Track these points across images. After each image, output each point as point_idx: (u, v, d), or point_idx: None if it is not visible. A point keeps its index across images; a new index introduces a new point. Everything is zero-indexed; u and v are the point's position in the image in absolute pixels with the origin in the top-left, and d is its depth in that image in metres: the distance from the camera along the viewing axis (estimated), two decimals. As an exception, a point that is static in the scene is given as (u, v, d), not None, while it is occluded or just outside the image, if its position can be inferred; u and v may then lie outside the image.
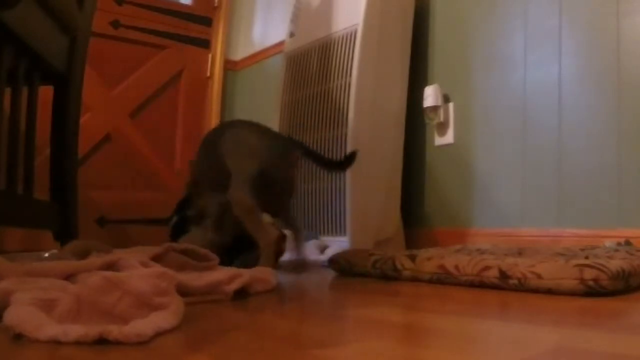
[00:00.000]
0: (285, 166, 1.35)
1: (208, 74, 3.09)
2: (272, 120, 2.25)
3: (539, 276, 0.96)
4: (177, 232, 1.46)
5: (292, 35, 2.27)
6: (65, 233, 1.53)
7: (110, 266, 0.84)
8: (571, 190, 1.66)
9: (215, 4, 3.14)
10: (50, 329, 0.56)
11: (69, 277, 0.79)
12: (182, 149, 2.95)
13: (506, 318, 0.76)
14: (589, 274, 0.90)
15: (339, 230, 1.89)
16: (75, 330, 0.55)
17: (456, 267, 1.09)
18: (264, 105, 2.86)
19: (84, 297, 0.63)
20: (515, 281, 0.98)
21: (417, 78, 2.12)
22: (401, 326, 0.70)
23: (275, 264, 1.27)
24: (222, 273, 0.95)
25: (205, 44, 3.09)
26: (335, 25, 2.04)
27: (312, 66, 2.12)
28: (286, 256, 1.53)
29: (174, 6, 3.02)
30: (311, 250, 1.80)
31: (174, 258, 1.00)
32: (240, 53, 3.18)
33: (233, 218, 1.34)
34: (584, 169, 1.64)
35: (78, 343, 0.54)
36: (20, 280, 0.72)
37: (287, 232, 1.47)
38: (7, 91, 1.30)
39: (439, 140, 2.06)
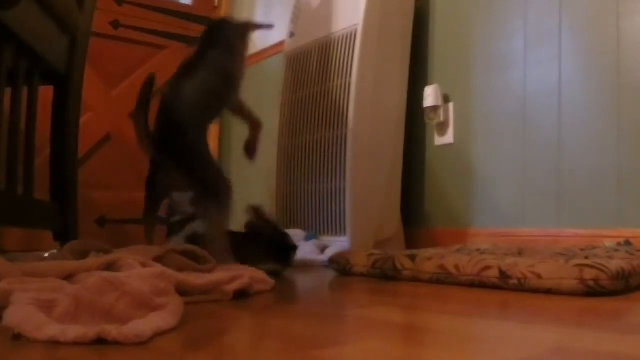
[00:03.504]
0: None
1: (208, 74, 3.09)
2: (272, 121, 2.25)
3: (539, 276, 0.95)
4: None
5: (292, 35, 2.27)
6: (65, 233, 1.52)
7: (110, 266, 0.84)
8: (571, 190, 1.66)
9: (215, 4, 3.14)
10: (49, 329, 0.56)
11: (68, 277, 0.79)
12: (182, 149, 2.94)
13: (506, 318, 0.75)
14: (589, 274, 0.90)
15: (339, 230, 1.89)
16: (74, 331, 0.55)
17: (456, 267, 1.09)
18: (264, 105, 2.86)
19: (82, 298, 0.62)
20: (515, 281, 0.98)
21: (417, 78, 2.11)
22: (401, 326, 0.70)
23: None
24: (222, 273, 0.95)
25: (205, 44, 3.08)
26: (335, 25, 2.04)
27: (312, 66, 2.12)
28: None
29: (174, 6, 3.02)
30: (311, 250, 1.80)
31: (173, 259, 1.00)
32: (240, 53, 3.18)
33: None
34: (584, 169, 1.64)
35: (77, 343, 0.54)
36: (19, 280, 0.72)
37: None
38: (7, 91, 1.30)
39: (439, 140, 2.06)
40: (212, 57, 1.35)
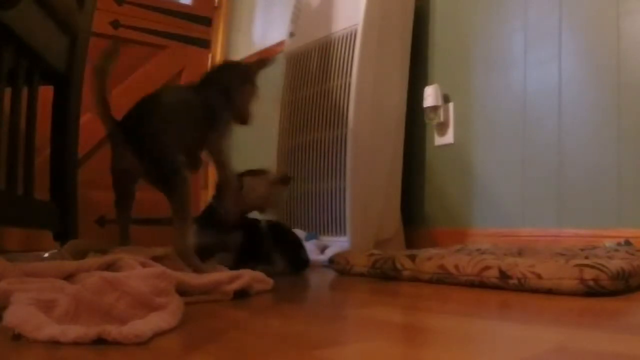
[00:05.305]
0: None
1: (208, 74, 3.09)
2: (273, 120, 2.25)
3: (539, 276, 0.95)
4: None
5: (292, 35, 2.27)
6: (65, 233, 1.52)
7: (110, 266, 0.84)
8: (571, 190, 1.66)
9: (215, 4, 3.14)
10: (49, 329, 0.56)
11: (68, 277, 0.79)
12: (182, 149, 2.94)
13: (506, 318, 0.76)
14: (589, 274, 0.90)
15: (339, 230, 1.89)
16: (74, 331, 0.55)
17: (456, 267, 1.09)
18: (264, 106, 2.85)
19: (82, 298, 0.62)
20: (515, 281, 0.98)
21: (417, 78, 2.11)
22: (401, 326, 0.70)
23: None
24: (222, 273, 0.95)
25: (205, 44, 3.08)
26: (335, 25, 2.04)
27: (312, 66, 2.12)
28: None
29: (174, 6, 3.01)
30: (311, 250, 1.80)
31: (172, 261, 1.00)
32: (240, 53, 3.18)
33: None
34: (584, 169, 1.64)
35: (77, 343, 0.54)
36: (19, 280, 0.72)
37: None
38: (7, 91, 1.30)
39: (439, 140, 2.06)
40: (203, 94, 1.32)
